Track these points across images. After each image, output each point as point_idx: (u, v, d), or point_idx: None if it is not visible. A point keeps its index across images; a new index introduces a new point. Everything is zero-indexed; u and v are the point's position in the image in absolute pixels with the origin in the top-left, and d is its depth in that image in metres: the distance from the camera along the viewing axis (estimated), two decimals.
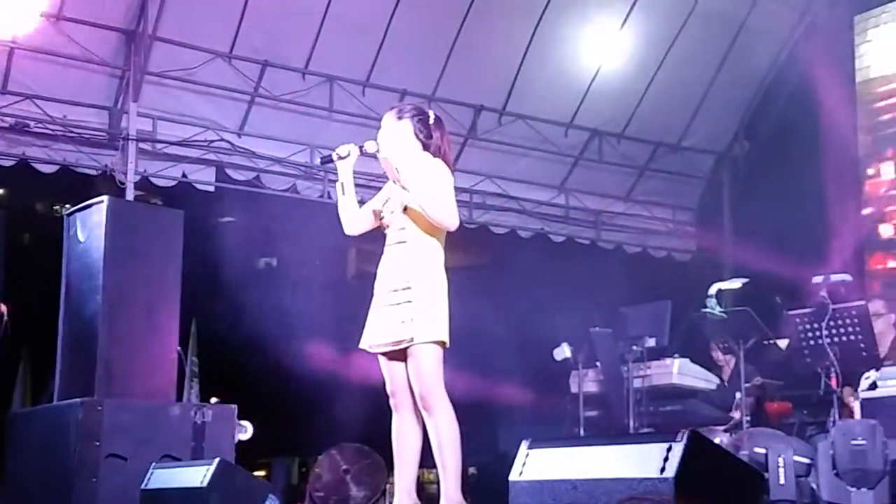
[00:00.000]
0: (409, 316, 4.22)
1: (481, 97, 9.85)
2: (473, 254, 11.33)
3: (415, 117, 4.49)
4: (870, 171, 9.70)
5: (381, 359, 4.40)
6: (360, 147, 4.50)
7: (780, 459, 5.82)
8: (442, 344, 4.24)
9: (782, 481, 5.78)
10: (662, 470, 2.85)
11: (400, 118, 4.49)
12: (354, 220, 4.54)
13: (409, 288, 4.26)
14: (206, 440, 5.61)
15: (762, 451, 6.18)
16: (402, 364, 4.32)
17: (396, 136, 4.48)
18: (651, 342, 7.86)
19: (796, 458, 5.81)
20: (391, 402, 4.42)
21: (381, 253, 4.48)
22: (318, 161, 4.43)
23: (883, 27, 9.72)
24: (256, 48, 8.81)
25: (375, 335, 4.35)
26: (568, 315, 8.55)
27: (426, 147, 4.46)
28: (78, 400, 5.39)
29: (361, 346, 4.42)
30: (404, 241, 4.34)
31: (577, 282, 9.75)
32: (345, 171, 4.51)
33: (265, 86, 8.95)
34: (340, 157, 4.50)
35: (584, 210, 10.88)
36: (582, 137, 10.54)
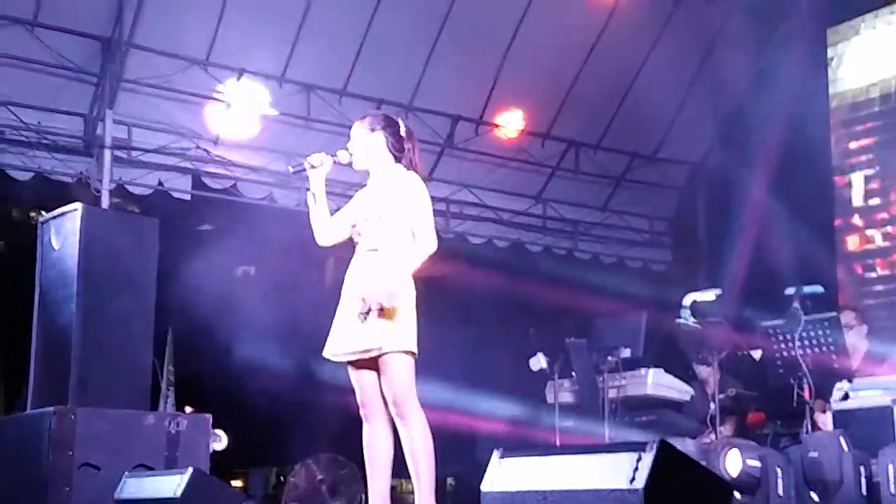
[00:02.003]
0: (381, 324, 4.21)
1: (458, 107, 9.87)
2: (450, 263, 11.33)
3: (386, 129, 4.49)
4: (841, 182, 9.79)
5: (350, 369, 4.38)
6: (333, 157, 4.50)
7: (778, 470, 5.88)
8: (412, 354, 4.26)
9: (780, 492, 5.84)
10: (632, 480, 2.86)
11: (373, 130, 4.49)
12: (327, 230, 4.52)
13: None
14: (181, 449, 5.58)
15: (756, 463, 6.24)
16: (371, 373, 4.31)
17: (368, 148, 4.49)
18: (626, 353, 7.90)
19: None
20: (361, 412, 4.41)
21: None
22: (289, 170, 4.41)
23: (854, 39, 9.82)
24: (233, 56, 8.80)
25: (343, 343, 4.31)
26: (544, 325, 8.57)
27: (398, 160, 4.48)
28: (51, 408, 5.37)
29: (325, 354, 4.39)
30: (376, 249, 4.34)
31: (553, 291, 9.77)
32: (317, 181, 4.48)
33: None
34: (313, 167, 4.46)
35: (560, 220, 10.93)
36: (559, 148, 10.58)
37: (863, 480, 5.53)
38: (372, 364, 4.28)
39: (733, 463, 6.51)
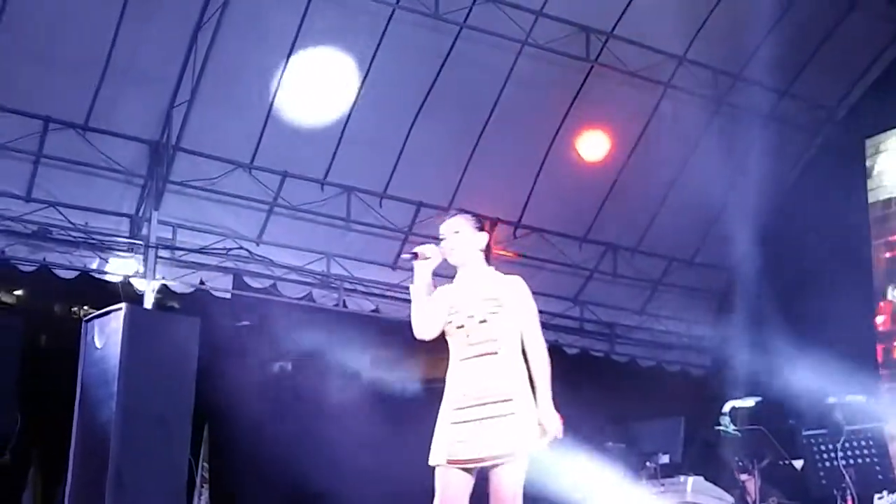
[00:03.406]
0: (514, 429, 4.15)
1: (497, 210, 9.95)
2: None
3: (485, 230, 4.51)
4: (884, 291, 9.72)
5: (447, 473, 4.22)
6: (441, 250, 4.40)
7: None
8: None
9: None
10: None
11: (478, 229, 4.47)
12: (430, 325, 4.36)
13: (510, 400, 4.19)
14: None
15: None
16: (468, 480, 4.21)
17: (473, 245, 4.45)
18: (665, 459, 7.80)
19: None
20: None
21: (400, 358, 4.44)
22: (404, 256, 4.29)
23: (893, 149, 9.85)
24: (277, 159, 8.98)
25: (470, 449, 4.17)
26: (581, 429, 8.48)
27: (488, 261, 4.49)
28: None
29: (440, 460, 4.21)
30: (495, 353, 4.25)
31: (590, 395, 9.69)
32: (424, 274, 4.36)
33: (284, 196, 9.10)
34: (426, 258, 4.36)
35: (598, 322, 10.90)
36: (596, 251, 10.62)
37: None
38: (471, 471, 4.20)
39: None
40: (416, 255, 4.38)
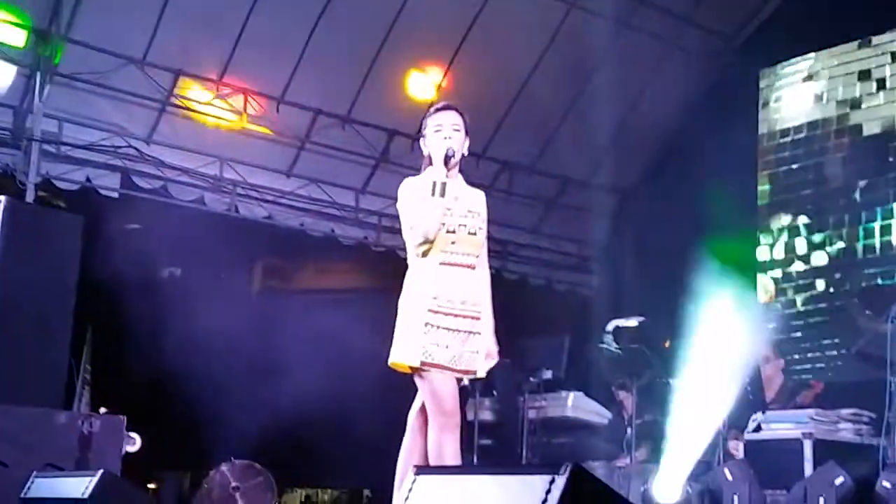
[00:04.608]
0: (481, 349, 4.24)
1: (395, 122, 9.88)
2: (381, 277, 11.32)
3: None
4: (767, 220, 10.00)
5: (435, 375, 4.16)
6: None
7: None
8: None
9: None
10: (544, 502, 2.87)
11: (467, 133, 4.38)
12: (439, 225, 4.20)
13: (478, 318, 4.23)
14: (93, 451, 5.53)
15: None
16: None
17: (463, 149, 4.39)
18: (548, 374, 7.98)
19: None
20: (452, 420, 4.18)
21: (292, 266, 4.43)
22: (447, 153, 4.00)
23: (786, 82, 10.06)
24: (171, 56, 8.71)
25: (449, 357, 4.15)
26: None
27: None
28: None
29: (413, 361, 4.14)
30: (473, 267, 4.25)
31: None
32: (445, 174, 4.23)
33: (177, 95, 8.86)
34: (453, 158, 4.25)
35: (490, 239, 10.91)
36: (493, 168, 10.64)
37: None
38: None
39: None
40: (453, 154, 4.24)
